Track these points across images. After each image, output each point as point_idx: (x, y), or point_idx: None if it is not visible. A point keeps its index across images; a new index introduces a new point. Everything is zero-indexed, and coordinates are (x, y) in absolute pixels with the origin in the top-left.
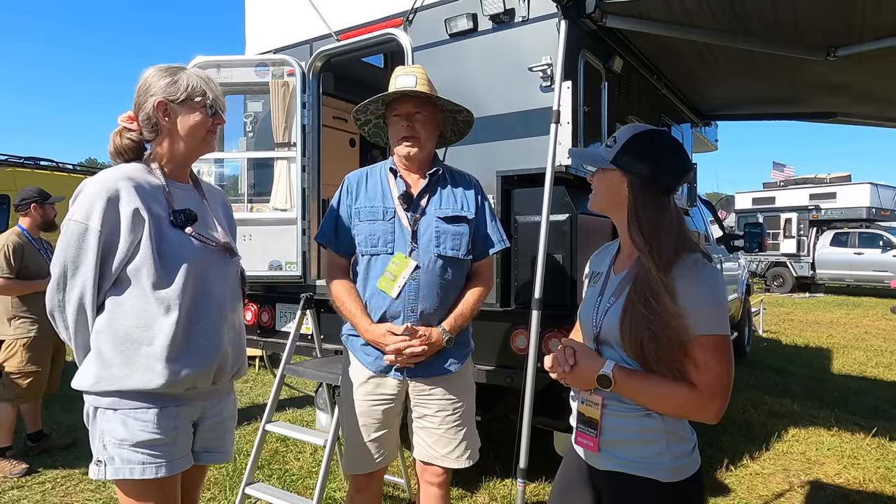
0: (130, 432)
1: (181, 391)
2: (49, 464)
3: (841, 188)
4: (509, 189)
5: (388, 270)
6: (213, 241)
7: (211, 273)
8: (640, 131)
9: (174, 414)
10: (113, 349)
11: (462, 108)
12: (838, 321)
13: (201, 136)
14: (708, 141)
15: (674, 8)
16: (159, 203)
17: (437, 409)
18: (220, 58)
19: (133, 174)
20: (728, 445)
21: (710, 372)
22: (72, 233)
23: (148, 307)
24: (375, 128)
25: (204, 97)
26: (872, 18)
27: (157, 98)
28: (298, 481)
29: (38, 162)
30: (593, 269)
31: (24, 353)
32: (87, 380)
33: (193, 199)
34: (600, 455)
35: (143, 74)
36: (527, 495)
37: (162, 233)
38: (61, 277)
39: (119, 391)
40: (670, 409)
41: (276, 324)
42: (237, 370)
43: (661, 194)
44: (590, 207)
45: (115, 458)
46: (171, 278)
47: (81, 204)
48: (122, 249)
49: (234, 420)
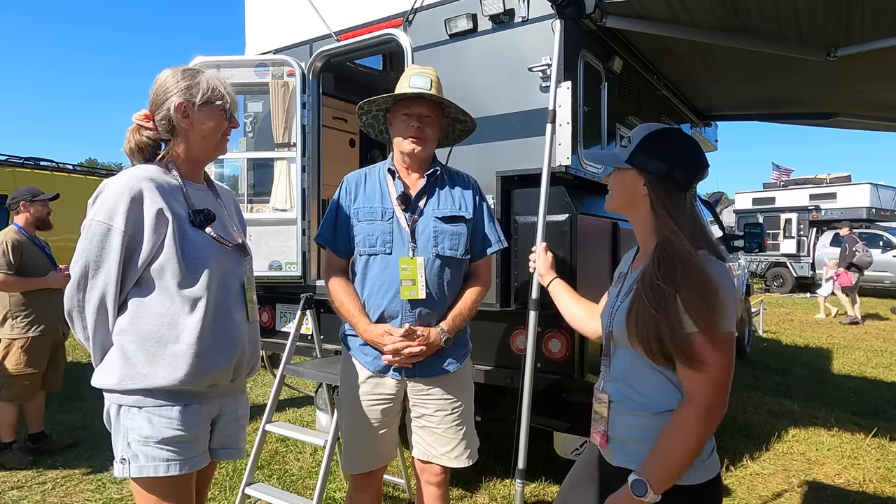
0: (156, 429)
1: (204, 388)
2: (49, 464)
3: (841, 188)
4: (509, 189)
5: (405, 278)
6: (229, 241)
7: (229, 271)
8: (654, 130)
9: (196, 411)
10: (137, 347)
11: (467, 118)
12: (838, 321)
13: (217, 138)
14: (708, 141)
15: (674, 5)
16: (179, 203)
17: (436, 409)
18: (219, 58)
19: (153, 175)
20: (728, 445)
21: (710, 367)
22: (94, 233)
23: (173, 306)
24: (373, 119)
25: (223, 101)
26: (872, 18)
27: (178, 100)
28: (298, 481)
29: (38, 162)
30: (619, 271)
31: (21, 354)
32: (112, 378)
33: (209, 199)
34: (614, 451)
35: (162, 75)
36: (527, 496)
37: (184, 233)
38: (82, 277)
39: (144, 389)
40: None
41: (276, 324)
42: (252, 367)
43: (677, 191)
44: (606, 208)
45: (139, 455)
46: (195, 277)
47: (104, 204)
48: (146, 249)
49: (247, 418)
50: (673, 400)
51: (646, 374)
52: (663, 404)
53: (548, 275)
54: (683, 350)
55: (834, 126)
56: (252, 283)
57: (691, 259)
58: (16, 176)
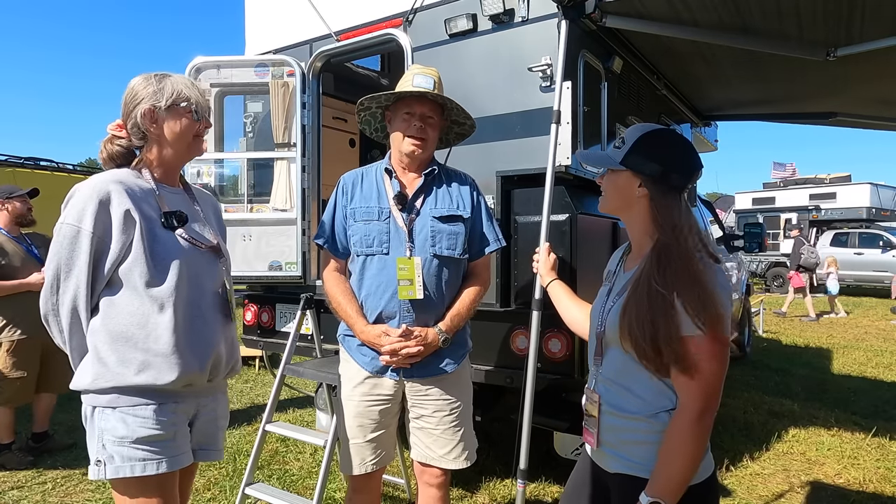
0: (130, 429)
1: (178, 387)
2: (49, 464)
3: (841, 188)
4: (509, 189)
5: (402, 278)
6: (203, 243)
7: (201, 273)
8: (648, 131)
9: (172, 410)
10: (109, 347)
11: (467, 122)
12: (838, 321)
13: (188, 141)
14: (708, 141)
15: (675, 4)
16: (150, 206)
17: (435, 410)
18: (219, 58)
19: (124, 178)
20: (728, 445)
21: (704, 371)
22: (65, 235)
23: (143, 306)
24: (370, 116)
25: (189, 102)
26: (872, 18)
27: (145, 106)
28: (298, 481)
29: (38, 162)
30: (609, 269)
31: (7, 357)
32: (86, 379)
33: (184, 202)
34: (608, 456)
35: (130, 84)
36: (527, 496)
37: (154, 234)
38: (55, 280)
39: (117, 387)
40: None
41: (276, 324)
42: (231, 368)
43: (673, 193)
44: (599, 209)
45: (114, 456)
46: (163, 277)
47: (74, 207)
48: (114, 250)
49: (226, 419)
50: (665, 401)
51: (637, 374)
52: (655, 405)
53: (548, 276)
54: (678, 353)
55: (834, 126)
56: (228, 285)
57: (689, 262)
58: (16, 176)
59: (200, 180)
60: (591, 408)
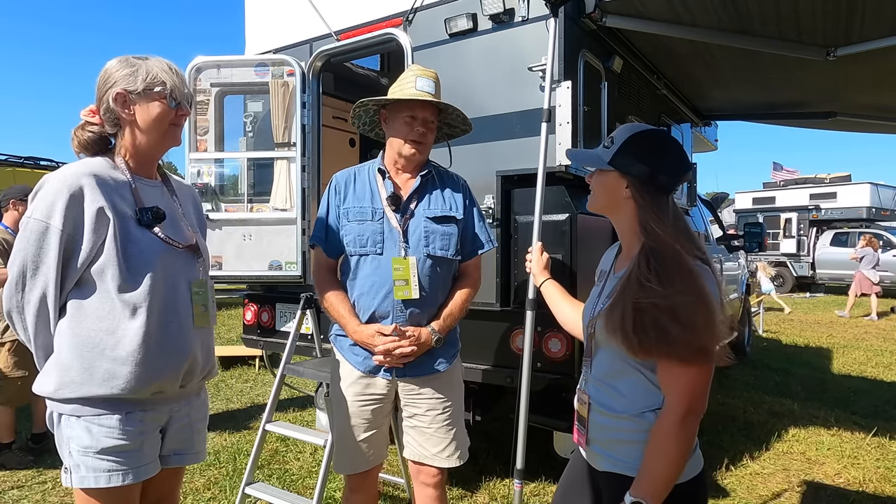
0: (95, 439)
1: (147, 396)
2: (49, 464)
3: (841, 188)
4: (509, 189)
5: (398, 278)
6: (179, 242)
7: (178, 274)
8: (637, 132)
9: (140, 419)
10: (74, 353)
11: (460, 126)
12: (838, 321)
13: (163, 128)
14: (708, 141)
15: (675, 5)
16: (125, 200)
17: (427, 409)
18: (219, 58)
19: (97, 169)
20: (728, 445)
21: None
22: (32, 231)
23: (113, 310)
24: (363, 111)
25: (164, 87)
26: (872, 18)
27: (117, 89)
28: (298, 481)
29: (38, 162)
30: (601, 269)
31: (8, 357)
32: (49, 386)
33: (162, 196)
34: (598, 455)
35: (105, 66)
36: (527, 495)
37: (128, 232)
38: (20, 277)
39: (81, 398)
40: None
41: (276, 324)
42: (207, 372)
43: (659, 194)
44: (588, 208)
45: (80, 465)
46: (137, 280)
47: (42, 200)
48: (85, 250)
49: (204, 422)
50: (653, 400)
51: (626, 374)
52: (643, 405)
53: (541, 275)
54: (666, 351)
55: (833, 127)
56: (205, 286)
57: (678, 263)
58: (16, 175)
59: (201, 180)
60: (582, 408)
